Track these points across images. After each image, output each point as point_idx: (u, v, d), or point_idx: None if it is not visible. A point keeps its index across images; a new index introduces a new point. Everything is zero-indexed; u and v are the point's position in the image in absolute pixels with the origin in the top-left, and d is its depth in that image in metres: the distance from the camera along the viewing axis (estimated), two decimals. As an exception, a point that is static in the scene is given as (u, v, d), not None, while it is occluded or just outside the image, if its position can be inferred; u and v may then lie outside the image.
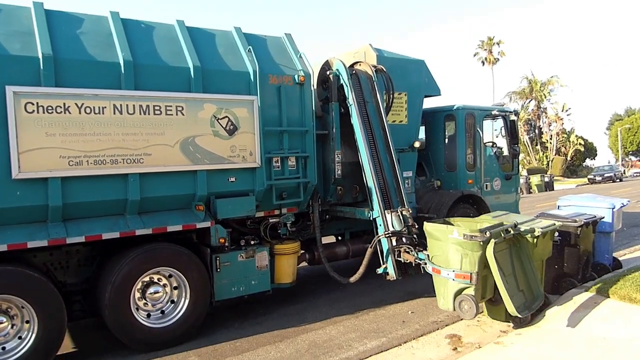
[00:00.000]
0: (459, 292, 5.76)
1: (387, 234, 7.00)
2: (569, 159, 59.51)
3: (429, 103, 9.85)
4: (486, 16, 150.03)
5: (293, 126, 7.16)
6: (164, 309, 6.34)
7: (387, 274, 7.03)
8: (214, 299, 6.63)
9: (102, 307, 5.89)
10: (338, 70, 7.77)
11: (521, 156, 55.06)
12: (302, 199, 7.37)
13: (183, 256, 6.30)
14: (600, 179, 44.74)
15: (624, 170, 56.23)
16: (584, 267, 7.72)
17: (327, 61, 8.05)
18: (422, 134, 10.04)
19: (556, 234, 7.14)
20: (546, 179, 38.84)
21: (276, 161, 7.02)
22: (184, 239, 6.66)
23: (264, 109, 6.81)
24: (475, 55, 64.08)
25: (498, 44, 62.50)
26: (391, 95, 8.27)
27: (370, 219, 7.45)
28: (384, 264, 7.07)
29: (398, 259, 6.93)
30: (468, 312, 5.64)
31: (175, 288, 6.38)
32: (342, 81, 7.71)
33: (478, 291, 5.69)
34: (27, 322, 5.45)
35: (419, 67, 9.19)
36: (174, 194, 6.26)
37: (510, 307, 5.43)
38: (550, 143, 58.78)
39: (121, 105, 5.81)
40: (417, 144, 9.05)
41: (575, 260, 7.58)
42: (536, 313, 6.25)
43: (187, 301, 6.36)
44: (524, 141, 57.41)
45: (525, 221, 6.67)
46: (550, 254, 6.78)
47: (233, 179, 6.65)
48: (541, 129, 61.04)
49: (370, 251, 7.16)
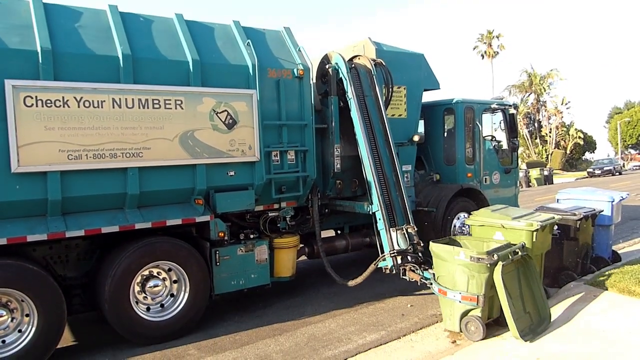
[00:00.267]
0: (465, 313, 5.75)
1: (392, 253, 6.90)
2: (568, 152, 59.49)
3: (428, 97, 9.87)
4: (486, 9, 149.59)
5: (292, 120, 7.16)
6: (163, 302, 6.36)
7: (385, 267, 7.05)
8: (213, 292, 6.65)
9: (101, 300, 5.90)
10: (337, 64, 7.77)
11: (520, 150, 54.99)
12: (301, 193, 7.37)
13: (182, 250, 6.31)
14: (600, 172, 44.72)
15: (624, 164, 56.31)
16: (583, 260, 7.76)
17: (326, 55, 8.05)
18: (421, 127, 10.04)
19: (555, 227, 7.16)
20: (545, 173, 38.80)
21: (275, 155, 7.02)
22: (183, 233, 6.65)
23: (263, 102, 6.81)
24: (474, 49, 63.94)
25: (498, 37, 62.30)
26: (390, 89, 8.27)
27: (370, 213, 7.44)
28: (382, 257, 7.04)
29: (403, 277, 6.90)
30: (475, 334, 5.64)
31: (175, 282, 6.40)
32: (341, 75, 7.71)
33: (484, 312, 5.67)
34: (27, 315, 5.47)
35: (418, 61, 9.17)
36: (173, 187, 6.26)
37: (514, 332, 5.41)
38: (550, 136, 58.76)
39: (120, 99, 5.80)
40: (416, 138, 9.05)
41: (574, 253, 7.61)
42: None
43: (186, 295, 6.37)
44: (523, 135, 57.38)
45: (524, 215, 6.67)
46: (550, 247, 6.78)
47: (232, 172, 6.65)
48: (540, 122, 61.01)
49: (373, 267, 7.05)
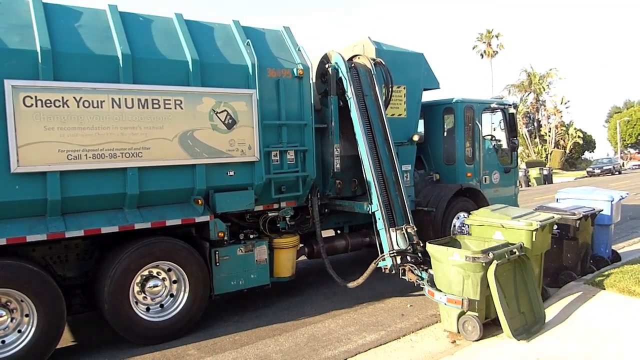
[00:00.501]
0: (463, 312, 5.75)
1: (391, 253, 6.94)
2: (567, 151, 59.49)
3: (428, 96, 9.86)
4: (485, 9, 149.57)
5: (292, 120, 7.15)
6: (163, 302, 6.35)
7: (385, 267, 7.05)
8: (213, 292, 6.64)
9: (101, 301, 5.90)
10: (337, 63, 7.77)
11: (520, 149, 54.90)
12: (301, 192, 7.37)
13: (182, 250, 6.30)
14: (599, 171, 44.72)
15: (623, 163, 56.27)
16: (582, 260, 7.75)
17: (326, 54, 8.05)
18: (421, 127, 10.03)
19: (555, 227, 7.15)
20: (545, 172, 38.77)
21: (275, 155, 7.01)
22: (183, 233, 6.65)
23: (262, 102, 6.80)
24: (474, 48, 63.92)
25: (497, 36, 62.26)
26: (390, 89, 8.27)
27: (369, 212, 7.44)
28: (381, 257, 7.05)
29: (403, 277, 6.95)
30: (472, 333, 5.63)
31: (175, 282, 6.39)
32: (340, 74, 7.71)
33: (482, 312, 5.66)
34: (27, 315, 5.46)
35: (418, 60, 9.16)
36: (172, 188, 6.25)
37: (507, 331, 5.42)
38: (549, 136, 58.76)
39: (120, 99, 5.79)
40: (416, 137, 9.04)
41: (574, 253, 7.59)
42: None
43: (186, 295, 6.37)
44: (522, 134, 57.37)
45: (524, 214, 6.66)
46: (549, 247, 6.77)
47: (232, 172, 6.64)
48: (540, 121, 60.99)
49: (373, 267, 7.08)
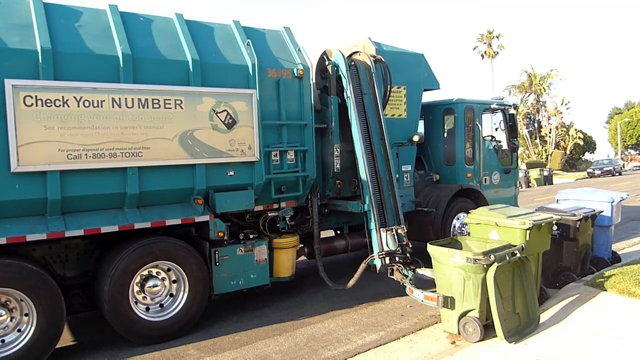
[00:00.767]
0: (464, 314, 5.75)
1: (380, 255, 7.13)
2: (568, 152, 59.48)
3: (428, 97, 9.87)
4: (486, 9, 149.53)
5: (292, 120, 7.14)
6: (162, 302, 6.35)
7: (374, 265, 7.21)
8: (213, 292, 6.64)
9: (101, 301, 5.90)
10: (337, 62, 7.75)
11: (520, 150, 54.98)
12: (301, 192, 7.37)
13: (181, 250, 6.30)
14: (600, 172, 44.72)
15: (624, 164, 56.30)
16: (582, 261, 7.75)
17: (326, 51, 8.02)
18: (421, 127, 10.03)
19: (555, 227, 7.14)
20: (545, 173, 38.80)
21: (275, 155, 7.01)
22: (183, 232, 6.66)
23: (262, 102, 6.80)
24: (474, 49, 63.95)
25: (497, 37, 62.30)
26: (389, 87, 8.25)
27: (361, 212, 7.56)
28: (371, 257, 7.25)
29: (391, 276, 7.14)
30: (473, 335, 5.63)
31: (174, 282, 6.39)
32: (340, 73, 7.70)
33: (482, 313, 5.66)
34: (26, 314, 5.46)
35: (418, 61, 9.16)
36: (172, 187, 6.25)
37: (499, 333, 5.44)
38: (550, 137, 58.74)
39: (120, 98, 5.79)
40: (416, 138, 9.04)
41: (574, 254, 7.59)
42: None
43: (185, 295, 6.37)
44: (523, 135, 57.36)
45: (521, 214, 6.66)
46: (548, 247, 6.76)
47: (232, 172, 6.64)
48: (540, 122, 60.98)
49: (363, 266, 7.20)
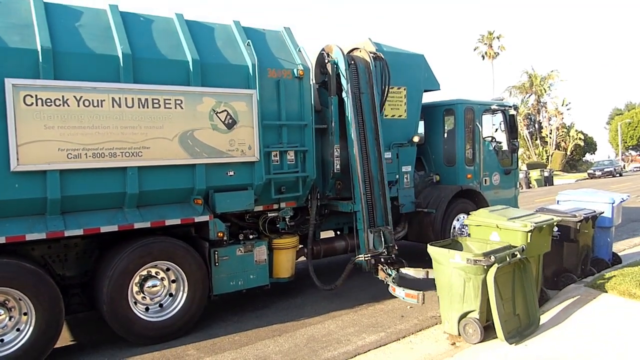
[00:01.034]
0: (464, 315, 5.75)
1: (366, 257, 7.34)
2: (568, 153, 59.48)
3: (428, 97, 9.85)
4: (486, 10, 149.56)
5: (292, 120, 7.13)
6: (162, 302, 6.35)
7: (361, 264, 7.43)
8: (212, 293, 6.63)
9: (100, 301, 5.90)
10: (336, 60, 7.70)
11: (521, 151, 54.95)
12: (301, 193, 7.36)
13: (180, 249, 6.29)
14: (600, 173, 44.71)
15: (624, 165, 56.30)
16: (583, 262, 7.74)
17: (327, 47, 7.95)
18: (421, 128, 10.02)
19: (555, 229, 7.12)
20: (546, 174, 38.81)
21: (275, 155, 7.00)
22: (183, 233, 6.65)
23: (262, 102, 6.79)
24: (475, 50, 63.97)
25: (498, 38, 62.35)
26: (387, 86, 8.20)
27: (351, 211, 7.66)
28: (357, 258, 7.50)
29: (376, 276, 7.41)
30: (473, 336, 5.63)
31: (174, 281, 6.39)
32: (339, 71, 7.67)
33: (483, 315, 5.65)
34: (25, 314, 5.46)
35: (418, 61, 9.14)
36: (172, 187, 6.24)
37: (499, 334, 5.44)
38: (550, 138, 58.74)
39: (120, 98, 5.79)
40: (416, 139, 9.02)
41: (574, 255, 7.58)
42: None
43: (185, 294, 6.36)
44: (523, 136, 57.37)
45: (522, 215, 6.64)
46: (549, 249, 6.75)
47: (232, 173, 6.63)
48: (541, 123, 60.98)
49: (350, 266, 7.50)
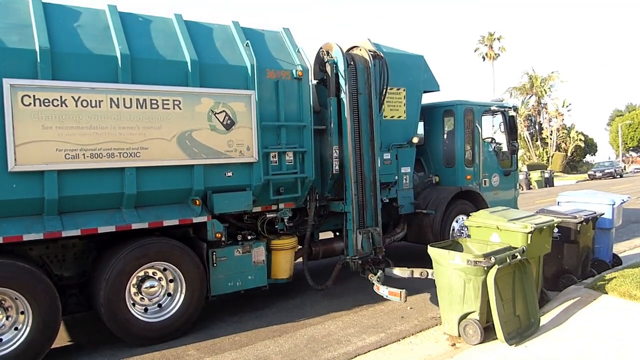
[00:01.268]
0: (464, 316, 5.73)
1: (353, 258, 7.51)
2: (569, 154, 59.51)
3: (428, 98, 9.83)
4: (487, 11, 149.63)
5: (291, 121, 7.11)
6: (161, 302, 6.33)
7: (349, 264, 7.59)
8: (210, 293, 6.61)
9: (97, 305, 5.88)
10: (336, 59, 7.64)
11: (521, 152, 55.20)
12: (299, 194, 7.32)
13: (176, 249, 6.26)
14: (601, 175, 44.73)
15: (625, 166, 56.27)
16: (583, 263, 7.71)
17: (326, 45, 7.89)
18: (420, 129, 10.00)
19: (556, 230, 7.11)
20: (546, 175, 38.77)
21: (273, 156, 6.97)
22: (181, 233, 6.63)
23: (261, 103, 6.76)
24: (475, 51, 64.03)
25: (499, 39, 62.44)
26: (386, 86, 8.14)
27: (342, 211, 7.72)
28: (345, 259, 7.69)
29: (362, 275, 7.58)
30: (473, 337, 5.61)
31: (171, 281, 6.36)
32: (337, 71, 7.61)
33: (483, 315, 5.63)
34: (22, 313, 5.44)
35: (418, 62, 9.11)
36: (170, 188, 6.22)
37: (500, 335, 5.43)
38: (551, 139, 58.76)
39: (118, 98, 5.77)
40: (415, 140, 8.99)
41: (574, 256, 7.56)
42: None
43: (183, 294, 6.33)
44: (524, 137, 57.42)
45: (522, 217, 6.63)
46: (549, 250, 6.73)
47: (230, 173, 6.61)
48: (541, 124, 61.00)
49: (339, 267, 7.69)
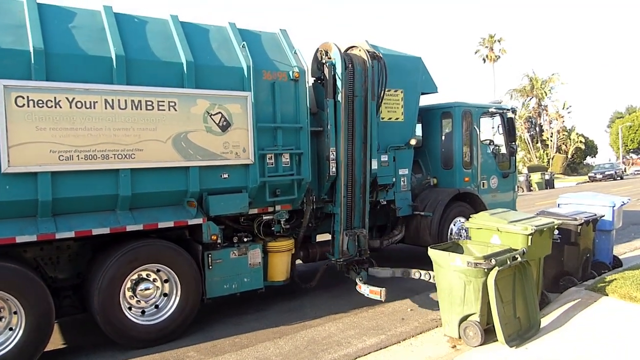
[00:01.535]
0: (464, 318, 5.70)
1: (339, 260, 7.60)
2: (569, 156, 59.56)
3: (426, 100, 9.81)
4: (487, 13, 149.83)
5: (287, 123, 7.06)
6: (157, 303, 6.29)
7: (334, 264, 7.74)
8: (205, 296, 6.56)
9: (93, 312, 5.84)
10: (334, 61, 7.59)
11: (522, 154, 55.33)
12: (296, 196, 7.28)
13: (167, 251, 6.21)
14: (601, 176, 44.74)
15: (625, 168, 56.25)
16: (584, 265, 7.69)
17: (324, 45, 7.83)
18: (418, 131, 9.97)
19: (556, 232, 7.08)
20: (547, 177, 38.84)
21: (270, 158, 6.93)
22: (176, 235, 6.59)
23: (257, 105, 6.72)
24: (476, 53, 64.11)
25: (499, 41, 62.54)
26: (383, 87, 8.09)
27: (330, 212, 7.77)
28: (330, 261, 7.83)
29: (347, 275, 7.78)
30: (473, 339, 5.58)
31: (166, 281, 6.32)
32: (335, 72, 7.56)
33: (483, 317, 5.61)
34: (15, 313, 5.40)
35: (415, 64, 9.06)
36: (165, 190, 6.18)
37: (500, 337, 5.40)
38: (551, 141, 58.81)
39: (113, 100, 5.74)
40: (413, 142, 8.95)
41: (575, 258, 7.54)
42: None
43: (179, 294, 6.28)
44: (524, 139, 57.51)
45: (522, 218, 6.60)
46: (549, 252, 6.71)
47: (226, 175, 6.57)
48: (542, 126, 61.07)
49: (325, 267, 7.89)
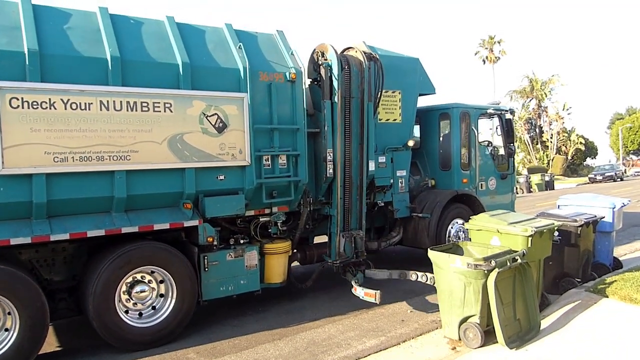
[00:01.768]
0: (464, 320, 5.69)
1: (335, 262, 7.60)
2: (569, 158, 59.52)
3: (424, 101, 9.78)
4: (487, 15, 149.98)
5: (284, 124, 7.04)
6: (154, 304, 6.26)
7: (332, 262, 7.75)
8: (201, 298, 6.52)
9: (89, 317, 5.81)
10: (330, 63, 7.57)
11: (522, 155, 55.32)
12: (293, 197, 7.26)
13: (160, 252, 6.17)
14: (601, 178, 44.68)
15: (625, 170, 56.15)
16: (584, 267, 7.68)
17: (322, 46, 7.81)
18: (416, 132, 9.94)
19: (556, 233, 7.06)
20: (547, 178, 38.76)
21: (266, 159, 6.91)
22: (172, 237, 6.57)
23: (254, 106, 6.70)
24: (476, 54, 64.14)
25: (499, 42, 62.55)
26: (381, 89, 8.09)
27: (327, 214, 7.77)
28: (327, 263, 7.82)
29: (343, 277, 7.80)
30: (473, 341, 5.57)
31: (162, 282, 6.29)
32: (332, 74, 7.54)
33: (483, 319, 5.59)
34: (9, 313, 5.37)
35: (413, 65, 9.04)
36: (161, 191, 6.15)
37: (500, 338, 5.39)
38: (551, 142, 58.76)
39: (108, 101, 5.72)
40: (411, 143, 8.92)
41: (575, 260, 7.53)
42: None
43: (174, 296, 6.25)
44: (524, 140, 57.50)
45: (522, 220, 6.58)
46: (549, 253, 6.69)
47: (222, 177, 6.54)
48: (542, 127, 61.04)
49: (320, 269, 7.93)
